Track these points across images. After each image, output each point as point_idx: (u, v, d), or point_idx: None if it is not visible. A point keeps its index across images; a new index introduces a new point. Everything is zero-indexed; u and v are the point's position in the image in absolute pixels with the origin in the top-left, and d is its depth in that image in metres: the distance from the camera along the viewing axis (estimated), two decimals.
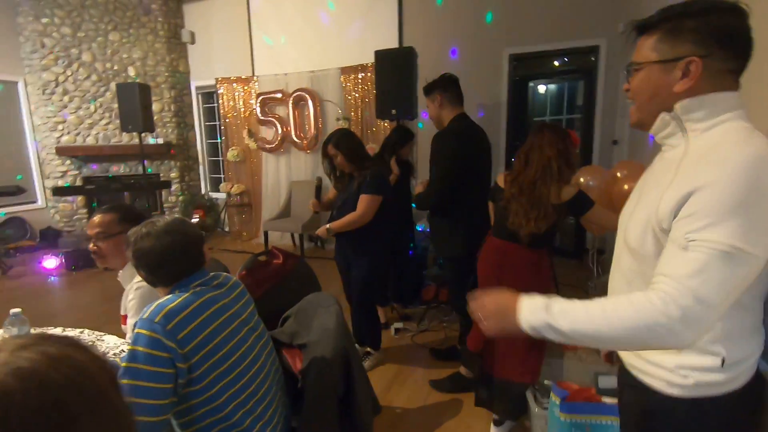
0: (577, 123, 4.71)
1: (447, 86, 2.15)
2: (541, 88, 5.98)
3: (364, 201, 2.17)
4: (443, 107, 2.14)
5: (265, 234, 4.97)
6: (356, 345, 2.64)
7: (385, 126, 4.88)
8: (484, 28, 4.37)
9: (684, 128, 0.79)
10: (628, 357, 0.92)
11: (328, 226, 2.26)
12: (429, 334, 2.96)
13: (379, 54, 3.34)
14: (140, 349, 0.99)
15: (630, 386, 0.90)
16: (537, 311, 0.79)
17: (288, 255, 1.98)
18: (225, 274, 1.29)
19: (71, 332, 1.66)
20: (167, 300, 1.08)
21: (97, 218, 1.49)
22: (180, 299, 1.08)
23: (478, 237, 2.05)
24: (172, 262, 1.14)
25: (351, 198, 2.23)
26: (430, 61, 4.36)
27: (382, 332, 2.64)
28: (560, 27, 4.07)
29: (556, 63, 4.80)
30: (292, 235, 5.36)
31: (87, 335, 1.62)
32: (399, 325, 3.01)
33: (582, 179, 2.90)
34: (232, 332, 1.16)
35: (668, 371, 0.81)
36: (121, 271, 1.50)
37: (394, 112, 3.30)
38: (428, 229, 2.61)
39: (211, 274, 1.22)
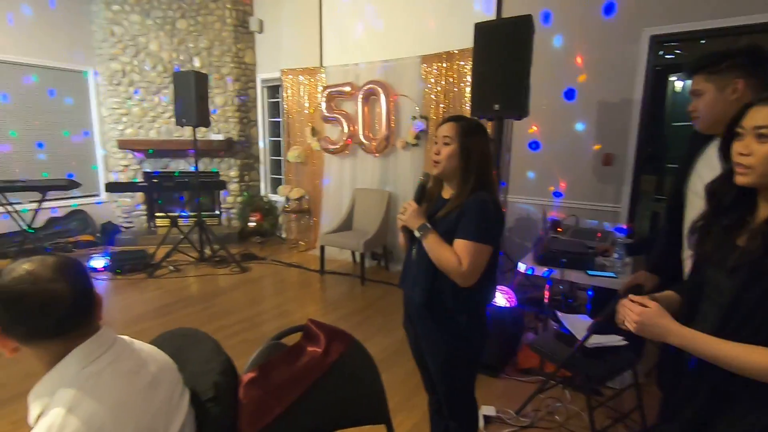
0: None
1: (757, 66, 1.22)
2: (679, 84, 4.72)
3: (469, 251, 1.27)
4: (743, 98, 1.18)
5: (322, 249, 4.28)
6: None
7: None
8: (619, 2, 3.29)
9: None
10: None
11: (424, 225, 1.34)
12: None
13: (480, 28, 2.45)
14: None
15: None
16: None
17: (333, 334, 1.18)
18: None
19: None
20: None
21: None
22: None
23: None
24: None
25: (450, 226, 1.33)
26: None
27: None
28: None
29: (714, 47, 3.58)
30: (353, 252, 4.64)
31: None
32: (490, 410, 2.10)
33: None
34: None
35: None
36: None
37: (496, 107, 2.40)
38: None
39: None
